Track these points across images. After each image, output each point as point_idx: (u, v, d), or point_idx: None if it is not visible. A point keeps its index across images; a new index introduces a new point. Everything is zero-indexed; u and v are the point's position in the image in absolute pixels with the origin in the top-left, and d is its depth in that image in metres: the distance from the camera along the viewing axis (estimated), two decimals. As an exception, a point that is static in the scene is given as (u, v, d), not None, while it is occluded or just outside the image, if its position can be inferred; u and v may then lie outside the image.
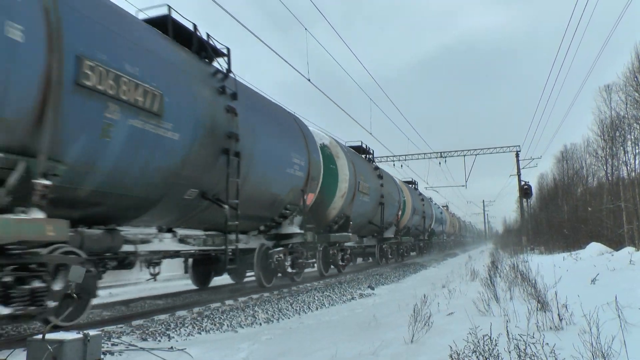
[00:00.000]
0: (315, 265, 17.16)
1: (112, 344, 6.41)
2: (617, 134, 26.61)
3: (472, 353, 4.32)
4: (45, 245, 6.51)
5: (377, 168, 24.18)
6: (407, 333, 6.06)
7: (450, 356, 4.35)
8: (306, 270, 15.76)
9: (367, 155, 23.92)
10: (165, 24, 9.79)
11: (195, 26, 10.48)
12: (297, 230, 14.05)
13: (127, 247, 8.53)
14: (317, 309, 10.47)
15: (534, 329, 5.68)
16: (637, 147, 24.95)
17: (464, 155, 39.21)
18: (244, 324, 8.44)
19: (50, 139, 6.26)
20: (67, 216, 6.80)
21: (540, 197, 48.63)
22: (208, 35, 10.73)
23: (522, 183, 37.94)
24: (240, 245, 11.63)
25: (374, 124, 26.76)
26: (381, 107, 27.07)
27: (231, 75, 11.05)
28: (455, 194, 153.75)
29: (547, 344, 4.39)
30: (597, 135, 29.75)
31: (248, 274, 14.05)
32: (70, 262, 6.74)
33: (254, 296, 12.01)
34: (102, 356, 4.92)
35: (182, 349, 6.20)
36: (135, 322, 8.22)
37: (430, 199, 45.73)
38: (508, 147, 38.38)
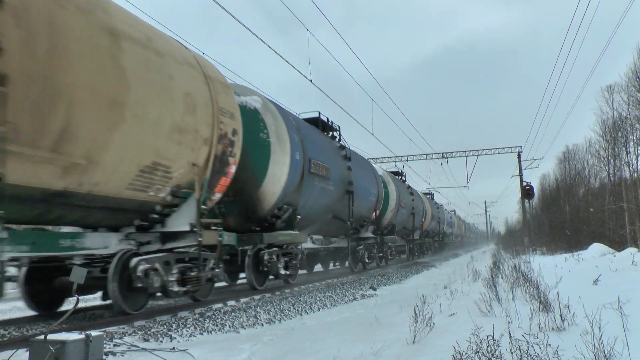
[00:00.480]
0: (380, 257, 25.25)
1: (114, 345, 6.41)
2: (619, 134, 26.59)
3: (475, 354, 4.32)
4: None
5: (409, 187, 33.18)
6: (409, 334, 6.06)
7: (453, 357, 4.35)
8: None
9: (402, 177, 32.67)
10: (316, 120, 17.78)
11: (327, 119, 18.26)
12: (371, 235, 22.39)
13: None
14: (319, 309, 10.47)
15: (536, 329, 5.67)
16: (639, 148, 24.94)
17: (466, 156, 39.23)
18: (246, 325, 8.44)
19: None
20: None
21: (542, 198, 48.60)
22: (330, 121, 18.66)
23: (524, 184, 37.92)
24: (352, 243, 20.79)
25: (375, 124, 26.78)
26: (382, 108, 27.10)
27: (346, 145, 18.95)
28: (457, 195, 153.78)
29: (550, 344, 4.39)
30: (599, 136, 29.74)
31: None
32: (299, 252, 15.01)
33: (256, 297, 12.01)
34: (104, 357, 4.92)
35: (184, 350, 6.20)
36: (137, 323, 8.22)
37: (442, 205, 52.80)
38: (510, 147, 38.39)
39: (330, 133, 18.87)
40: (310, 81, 17.40)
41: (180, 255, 9.50)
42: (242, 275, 13.93)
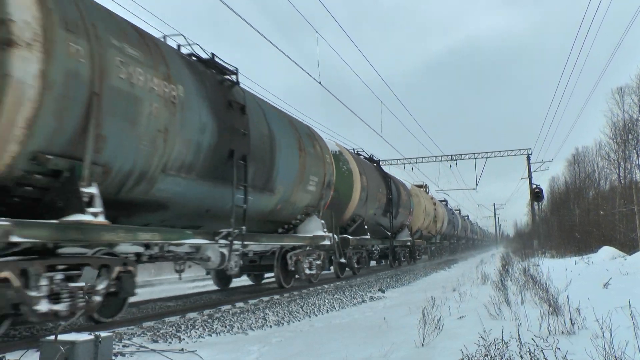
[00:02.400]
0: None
1: (123, 346, 6.44)
2: (630, 136, 26.42)
3: (484, 357, 4.30)
4: None
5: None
6: (417, 336, 6.04)
7: (462, 360, 4.33)
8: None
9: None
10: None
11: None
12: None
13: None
14: (327, 311, 10.47)
15: (545, 333, 5.64)
16: (649, 150, 24.79)
17: (475, 158, 39.11)
18: (255, 326, 8.45)
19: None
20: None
21: (552, 201, 48.36)
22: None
23: (534, 186, 37.73)
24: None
25: (384, 126, 26.77)
26: (390, 110, 27.07)
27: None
28: (466, 197, 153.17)
29: (559, 348, 4.37)
30: (609, 138, 29.55)
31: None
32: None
33: (264, 298, 12.03)
34: (113, 357, 4.95)
35: (192, 351, 6.22)
36: (146, 324, 8.26)
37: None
38: (519, 150, 38.24)
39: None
40: (319, 83, 17.43)
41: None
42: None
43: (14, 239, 5.73)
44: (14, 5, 5.78)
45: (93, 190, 6.81)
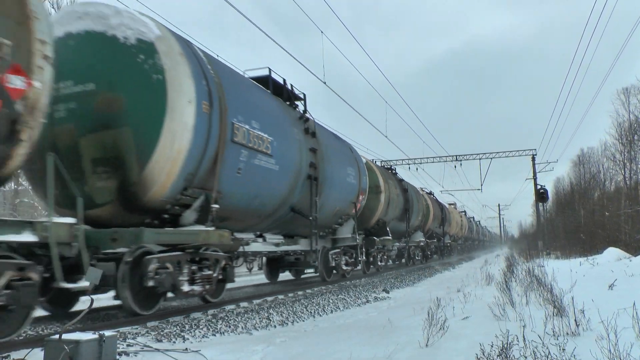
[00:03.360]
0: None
1: (128, 345, 6.45)
2: (636, 137, 26.36)
3: (489, 358, 4.29)
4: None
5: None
6: (422, 337, 6.04)
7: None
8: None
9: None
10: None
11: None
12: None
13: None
14: (331, 312, 10.46)
15: (550, 334, 5.62)
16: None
17: (480, 159, 38.98)
18: (259, 326, 8.45)
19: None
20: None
21: (557, 202, 48.27)
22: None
23: (538, 187, 37.62)
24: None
25: (388, 127, 26.76)
26: (394, 110, 27.04)
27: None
28: (470, 198, 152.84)
29: (564, 349, 4.36)
30: (615, 139, 29.53)
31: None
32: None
33: (269, 298, 12.04)
34: (117, 357, 4.96)
35: (196, 351, 6.22)
36: (150, 324, 8.26)
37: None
38: (524, 150, 38.09)
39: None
40: (324, 83, 17.43)
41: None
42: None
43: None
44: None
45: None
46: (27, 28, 6.21)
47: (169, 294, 9.05)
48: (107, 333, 4.84)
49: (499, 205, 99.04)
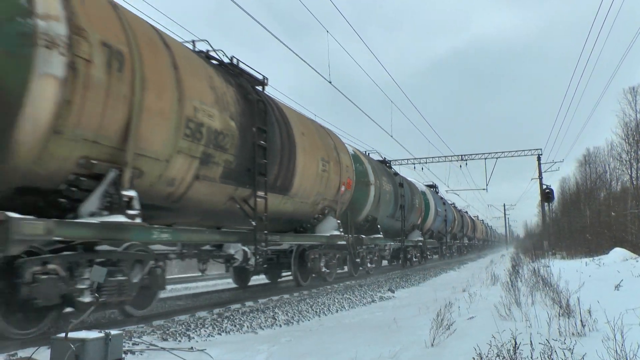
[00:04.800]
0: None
1: (133, 344, 6.47)
2: (642, 137, 26.23)
3: (496, 357, 4.28)
4: None
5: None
6: (427, 336, 6.03)
7: (473, 359, 4.31)
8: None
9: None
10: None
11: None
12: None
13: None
14: (337, 311, 10.46)
15: (556, 334, 5.60)
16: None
17: (485, 158, 38.89)
18: (264, 326, 8.46)
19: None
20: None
21: (563, 202, 48.12)
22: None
23: (544, 187, 37.48)
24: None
25: (393, 126, 26.73)
26: (397, 110, 27.03)
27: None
28: (475, 197, 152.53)
29: (571, 349, 4.34)
30: (621, 139, 29.40)
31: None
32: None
33: (274, 297, 12.05)
34: (123, 355, 4.97)
35: (202, 350, 6.23)
36: (155, 322, 8.29)
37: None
38: (529, 150, 37.97)
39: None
40: (330, 82, 17.43)
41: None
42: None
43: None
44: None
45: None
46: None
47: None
48: (113, 332, 4.85)
49: (504, 205, 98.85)
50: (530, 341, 4.50)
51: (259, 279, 17.11)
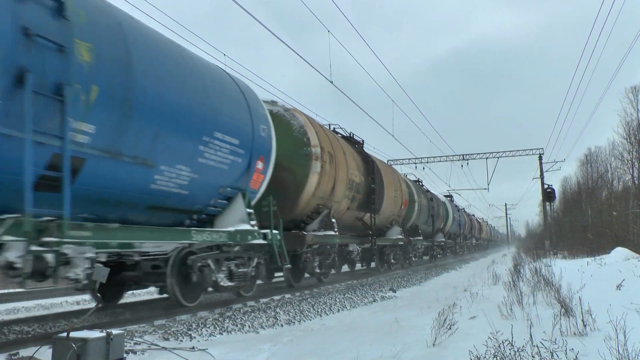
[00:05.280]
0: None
1: (135, 343, 6.47)
2: (644, 136, 26.19)
3: (493, 357, 4.28)
4: None
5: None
6: (429, 336, 6.03)
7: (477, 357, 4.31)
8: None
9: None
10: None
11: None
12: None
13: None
14: (338, 310, 10.46)
15: (557, 334, 5.60)
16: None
17: (486, 158, 38.88)
18: (266, 325, 8.46)
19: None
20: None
21: (564, 201, 48.09)
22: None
23: (545, 186, 37.46)
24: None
25: (395, 126, 26.76)
26: (398, 110, 27.08)
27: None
28: (477, 197, 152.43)
29: (572, 349, 4.34)
30: (623, 138, 29.38)
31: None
32: None
33: (276, 297, 12.05)
34: (124, 355, 4.97)
35: (203, 349, 6.23)
36: (157, 322, 8.29)
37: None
38: (531, 149, 37.96)
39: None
40: (331, 82, 17.44)
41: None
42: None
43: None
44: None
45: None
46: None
47: None
48: (115, 331, 4.86)
49: (505, 204, 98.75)
50: (531, 341, 4.50)
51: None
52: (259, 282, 12.83)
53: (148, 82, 7.65)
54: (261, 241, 11.22)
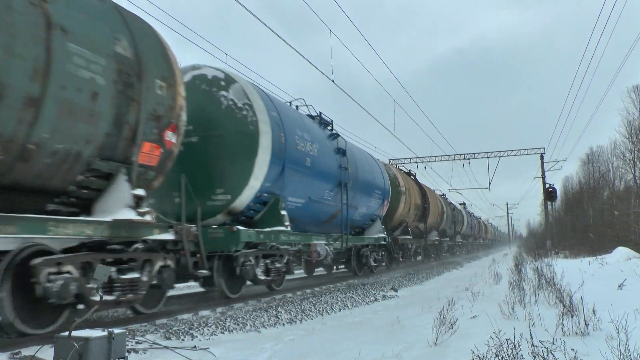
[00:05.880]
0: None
1: (137, 342, 6.48)
2: (646, 136, 26.15)
3: (495, 357, 4.28)
4: None
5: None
6: (430, 335, 6.02)
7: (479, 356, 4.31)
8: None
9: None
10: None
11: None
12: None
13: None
14: (339, 310, 10.46)
15: (559, 333, 5.60)
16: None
17: (488, 157, 38.86)
18: (267, 324, 8.46)
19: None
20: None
21: (565, 201, 48.03)
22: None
23: (547, 186, 37.43)
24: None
25: (396, 125, 26.74)
26: (399, 109, 27.10)
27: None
28: (478, 196, 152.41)
29: (573, 349, 4.33)
30: (624, 138, 29.35)
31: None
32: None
33: (277, 297, 12.05)
34: (126, 354, 4.97)
35: (205, 348, 6.24)
36: (159, 321, 8.30)
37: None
38: (532, 149, 37.92)
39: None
40: (333, 81, 17.44)
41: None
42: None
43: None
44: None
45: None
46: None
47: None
48: (116, 330, 4.86)
49: (507, 204, 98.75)
50: (532, 341, 4.50)
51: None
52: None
53: (360, 173, 17.46)
54: (384, 242, 20.93)
